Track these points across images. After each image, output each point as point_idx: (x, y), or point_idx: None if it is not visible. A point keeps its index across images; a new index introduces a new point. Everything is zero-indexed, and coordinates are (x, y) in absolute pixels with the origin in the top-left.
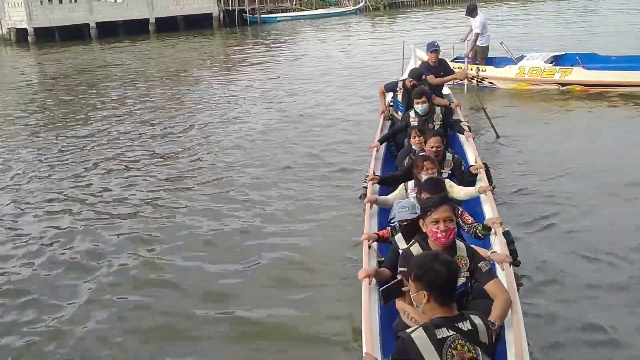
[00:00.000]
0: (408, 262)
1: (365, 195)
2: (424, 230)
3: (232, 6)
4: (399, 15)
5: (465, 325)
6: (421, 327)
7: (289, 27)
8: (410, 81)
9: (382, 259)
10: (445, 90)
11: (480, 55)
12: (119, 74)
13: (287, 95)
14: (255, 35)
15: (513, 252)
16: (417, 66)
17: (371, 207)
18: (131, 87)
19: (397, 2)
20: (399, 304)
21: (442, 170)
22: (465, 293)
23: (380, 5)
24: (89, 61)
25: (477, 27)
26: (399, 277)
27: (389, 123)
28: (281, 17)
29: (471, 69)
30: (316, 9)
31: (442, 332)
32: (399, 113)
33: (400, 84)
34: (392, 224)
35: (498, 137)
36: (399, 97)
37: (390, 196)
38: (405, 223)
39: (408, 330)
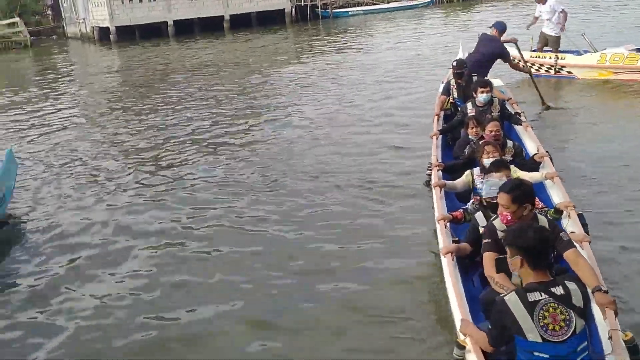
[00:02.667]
0: (492, 233)
1: (428, 182)
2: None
3: (304, 1)
4: (474, 6)
5: (559, 290)
6: (514, 291)
7: (360, 21)
8: (452, 68)
9: (456, 238)
10: (498, 82)
11: (553, 46)
12: (195, 69)
13: (356, 89)
14: (326, 30)
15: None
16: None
17: (440, 191)
18: (205, 81)
19: None
20: (488, 271)
21: (503, 157)
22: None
23: None
24: (167, 57)
25: (547, 13)
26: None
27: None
28: (353, 11)
29: (549, 57)
30: (388, 2)
31: (534, 296)
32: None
33: (452, 82)
34: (464, 207)
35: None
36: (455, 94)
37: (457, 181)
38: (494, 201)
39: (502, 295)
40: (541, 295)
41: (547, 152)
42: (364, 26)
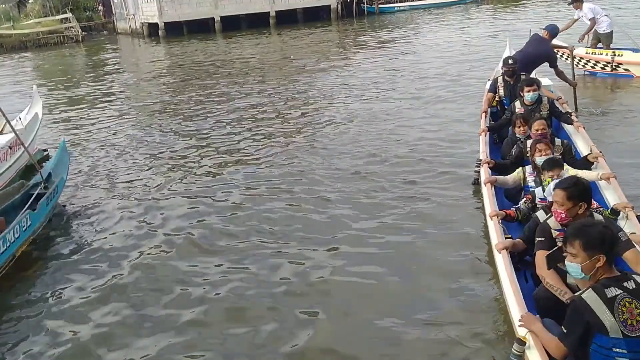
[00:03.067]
0: (545, 232)
1: (476, 179)
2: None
3: None
4: (524, 3)
5: (630, 284)
6: (590, 289)
7: (406, 17)
8: (502, 67)
9: (509, 235)
10: (546, 81)
11: (605, 43)
12: (241, 64)
13: (400, 84)
14: (372, 26)
15: None
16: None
17: (491, 187)
18: (249, 76)
19: None
20: (541, 270)
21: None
22: None
23: None
24: (213, 53)
25: (587, 13)
26: (559, 244)
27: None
28: (399, 7)
29: (606, 54)
30: None
31: (611, 291)
32: (506, 107)
33: (500, 80)
34: (517, 206)
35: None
36: (502, 92)
37: (509, 177)
38: None
39: (578, 293)
40: (617, 290)
41: (600, 152)
42: (410, 22)
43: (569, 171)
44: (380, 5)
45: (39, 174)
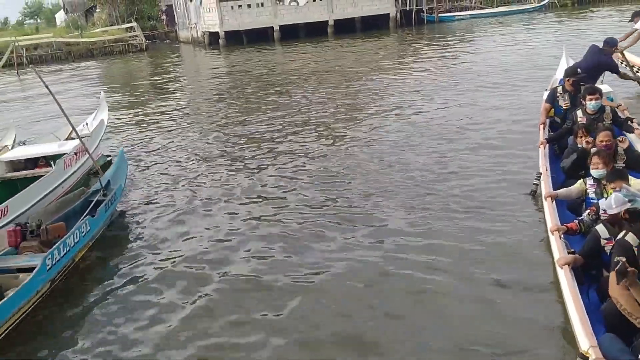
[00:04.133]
0: (624, 250)
1: (534, 191)
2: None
3: (409, 6)
4: (588, 11)
5: None
6: None
7: (467, 26)
8: (568, 80)
9: (572, 249)
10: (606, 87)
11: None
12: (298, 73)
13: (458, 95)
14: (431, 35)
15: None
16: (570, 65)
17: (552, 202)
18: (306, 85)
19: None
20: (614, 292)
21: (615, 165)
22: None
23: (568, 2)
24: (272, 61)
25: (638, 25)
26: (622, 259)
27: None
28: (460, 15)
29: None
30: (497, 6)
31: None
32: (565, 121)
33: (560, 89)
34: (579, 218)
35: None
36: (561, 102)
37: (571, 189)
38: (620, 216)
39: None
40: None
41: None
42: (470, 31)
43: (631, 180)
44: (440, 14)
45: (99, 181)
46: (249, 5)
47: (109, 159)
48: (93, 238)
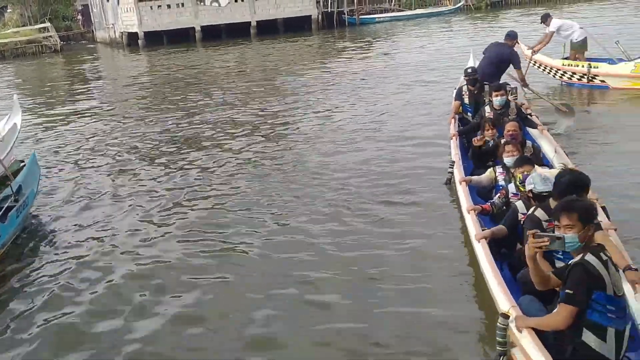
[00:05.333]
0: (535, 224)
1: (450, 179)
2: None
3: (330, 8)
4: (501, 14)
5: (608, 254)
6: (589, 253)
7: (387, 27)
8: (466, 78)
9: (485, 227)
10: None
11: (579, 51)
12: (220, 74)
13: (377, 94)
14: (352, 37)
15: None
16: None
17: (466, 186)
18: (228, 86)
19: (500, 1)
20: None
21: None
22: None
23: (482, 5)
24: (194, 63)
25: (552, 27)
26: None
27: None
28: (380, 17)
29: (582, 66)
30: (415, 9)
31: (603, 256)
32: (469, 114)
33: (464, 89)
34: (491, 201)
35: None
36: (466, 100)
37: (482, 177)
38: (545, 194)
39: (578, 258)
40: (606, 256)
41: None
42: (390, 33)
43: (537, 169)
44: (361, 16)
45: (9, 186)
46: (168, 6)
47: (22, 164)
48: (4, 245)
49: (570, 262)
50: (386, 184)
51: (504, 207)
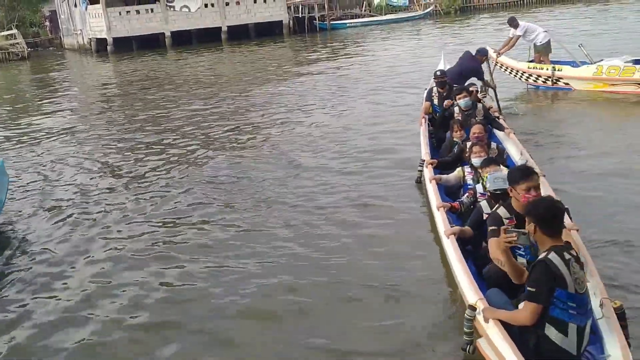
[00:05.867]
0: (497, 221)
1: (420, 178)
2: (511, 196)
3: (301, 13)
4: (468, 19)
5: (573, 252)
6: (552, 251)
7: (358, 33)
8: (435, 80)
9: (454, 225)
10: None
11: (544, 53)
12: (191, 80)
13: (348, 97)
14: (323, 42)
15: None
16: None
17: (436, 184)
18: (199, 92)
19: (469, 6)
20: (494, 253)
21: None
22: None
23: (451, 10)
24: (163, 68)
25: (519, 31)
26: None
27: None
28: (351, 23)
29: (546, 69)
30: (385, 14)
31: (566, 255)
32: (438, 115)
33: (434, 89)
34: (460, 200)
35: (501, 113)
36: (436, 101)
37: (451, 176)
38: (498, 192)
39: (542, 255)
40: (569, 255)
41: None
42: (361, 38)
43: (503, 170)
44: (332, 22)
45: None
46: (137, 11)
47: None
48: None
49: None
50: (356, 184)
51: (472, 207)
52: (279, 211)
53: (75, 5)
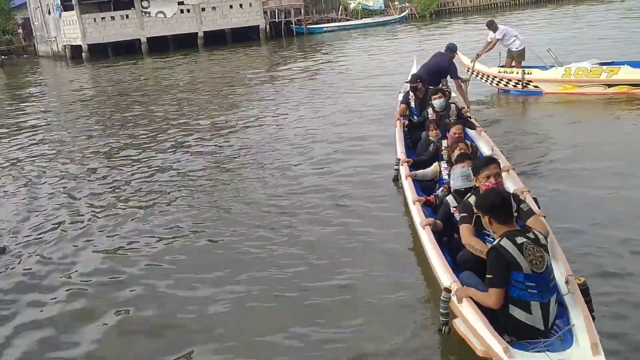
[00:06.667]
0: (467, 208)
1: (396, 176)
2: (478, 185)
3: (278, 18)
4: (444, 23)
5: (530, 235)
6: (504, 237)
7: (334, 36)
8: (411, 83)
9: (429, 217)
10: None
11: (517, 60)
12: (167, 86)
13: (326, 101)
14: (300, 46)
15: None
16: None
17: (412, 180)
18: (175, 98)
19: (444, 10)
20: (466, 239)
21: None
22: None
23: (426, 14)
24: (140, 75)
25: (498, 34)
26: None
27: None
28: (327, 27)
29: (516, 73)
30: (361, 18)
31: (520, 239)
32: (415, 118)
33: (411, 92)
34: (435, 194)
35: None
36: (412, 104)
37: (427, 170)
38: (463, 189)
39: (495, 242)
40: (523, 239)
41: (500, 150)
42: (337, 41)
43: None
44: (309, 26)
45: None
46: (112, 17)
47: None
48: None
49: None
50: (334, 183)
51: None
52: (254, 211)
53: (49, 12)
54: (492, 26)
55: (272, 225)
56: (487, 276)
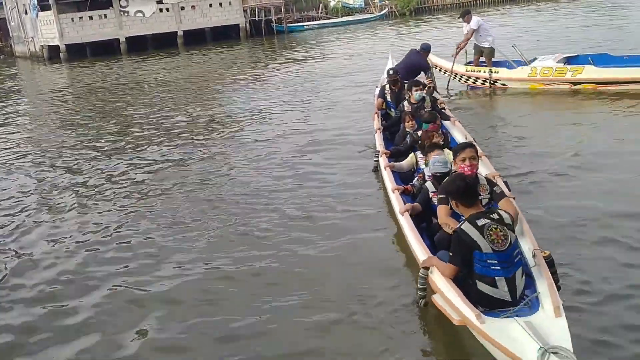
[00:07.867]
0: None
1: (376, 167)
2: (455, 169)
3: (258, 17)
4: (424, 20)
5: (494, 216)
6: (466, 221)
7: (315, 35)
8: (389, 78)
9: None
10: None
11: (487, 57)
12: (146, 84)
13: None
14: (281, 45)
15: None
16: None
17: (390, 171)
18: (157, 97)
19: (424, 7)
20: (442, 219)
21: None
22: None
23: (406, 11)
24: (118, 74)
25: (473, 24)
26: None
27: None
28: (308, 25)
29: (483, 71)
30: (342, 16)
31: (481, 221)
32: (392, 111)
33: (387, 87)
34: (412, 183)
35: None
36: (389, 97)
37: (404, 162)
38: (438, 175)
39: (457, 226)
40: (485, 220)
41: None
42: (317, 39)
43: (448, 153)
44: (289, 24)
45: None
46: (90, 17)
47: None
48: None
49: None
50: (315, 173)
51: (422, 187)
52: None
53: (26, 12)
54: (464, 17)
55: (245, 219)
56: (449, 253)
